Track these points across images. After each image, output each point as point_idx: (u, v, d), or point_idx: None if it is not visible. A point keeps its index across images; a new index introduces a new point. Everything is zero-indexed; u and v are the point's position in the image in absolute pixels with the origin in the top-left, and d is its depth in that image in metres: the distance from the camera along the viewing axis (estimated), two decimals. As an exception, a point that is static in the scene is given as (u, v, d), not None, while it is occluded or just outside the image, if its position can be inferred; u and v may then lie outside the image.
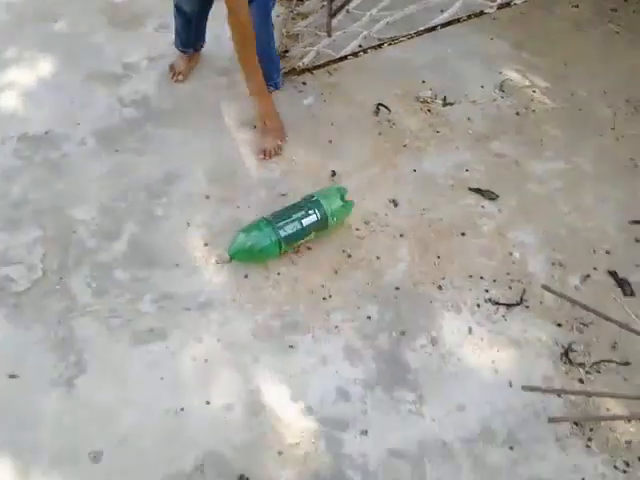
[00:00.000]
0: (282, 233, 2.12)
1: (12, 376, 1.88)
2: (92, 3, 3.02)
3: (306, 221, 2.16)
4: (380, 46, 2.75)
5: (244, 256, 2.13)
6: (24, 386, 1.87)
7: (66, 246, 2.16)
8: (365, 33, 2.80)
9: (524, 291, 2.17)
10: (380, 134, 2.66)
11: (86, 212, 2.26)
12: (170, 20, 2.96)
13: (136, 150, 2.48)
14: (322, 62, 2.80)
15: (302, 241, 2.19)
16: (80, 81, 2.69)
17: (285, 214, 2.17)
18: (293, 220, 2.14)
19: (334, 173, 2.46)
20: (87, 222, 2.23)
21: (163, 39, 2.88)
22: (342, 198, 2.24)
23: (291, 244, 2.17)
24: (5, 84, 2.64)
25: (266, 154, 2.47)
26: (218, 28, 2.94)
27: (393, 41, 2.72)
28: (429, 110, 2.78)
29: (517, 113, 2.80)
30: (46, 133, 2.48)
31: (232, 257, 2.12)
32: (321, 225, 2.19)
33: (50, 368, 1.90)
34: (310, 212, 2.16)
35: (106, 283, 2.09)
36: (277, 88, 2.67)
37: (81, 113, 2.56)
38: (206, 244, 2.23)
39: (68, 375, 1.89)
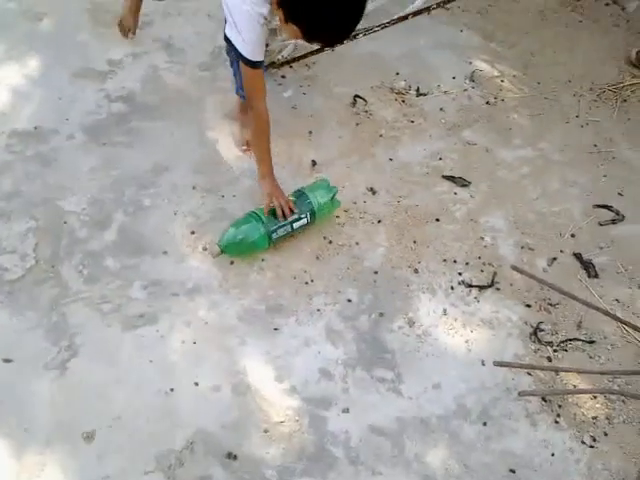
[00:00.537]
0: (272, 230, 2.11)
1: (7, 360, 1.86)
2: (75, 2, 2.95)
3: (297, 224, 2.16)
4: (355, 37, 2.75)
5: (234, 249, 2.12)
6: (19, 370, 1.84)
7: (58, 236, 2.14)
8: (340, 26, 2.79)
9: (495, 274, 2.19)
10: (357, 125, 2.65)
11: (76, 203, 2.23)
12: (153, 17, 2.93)
13: (123, 143, 2.44)
14: (300, 54, 2.78)
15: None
16: (67, 78, 2.64)
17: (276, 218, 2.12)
18: (284, 225, 2.13)
19: (314, 163, 2.46)
20: (77, 213, 2.20)
21: (146, 35, 2.84)
22: (332, 198, 2.22)
23: (279, 239, 2.16)
24: (-5, 81, 2.59)
25: (249, 145, 2.45)
26: (200, 25, 2.94)
27: (367, 31, 2.71)
28: (403, 101, 2.78)
29: (487, 102, 2.81)
30: (35, 128, 2.44)
31: (223, 250, 2.11)
32: (309, 225, 2.20)
33: (44, 352, 1.88)
34: (302, 217, 2.15)
35: (97, 271, 2.07)
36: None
37: (69, 109, 2.52)
38: (193, 232, 2.22)
39: (61, 359, 1.87)
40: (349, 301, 2.09)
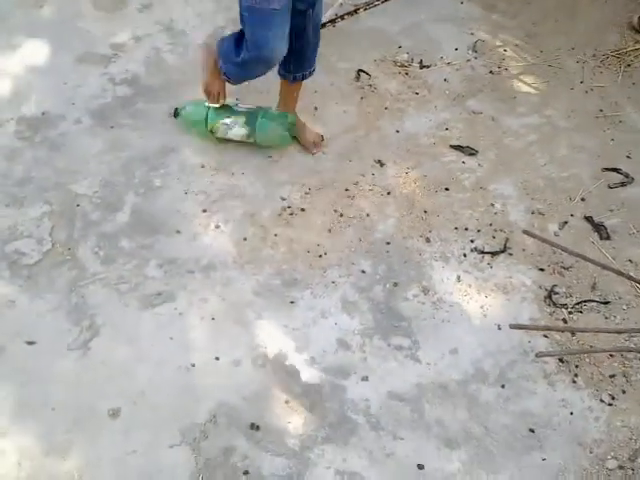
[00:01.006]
0: (210, 118, 2.30)
1: (30, 343, 1.87)
2: (76, -12, 2.94)
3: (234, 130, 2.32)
4: (356, 12, 2.74)
5: (184, 118, 2.37)
6: (42, 351, 1.86)
7: (72, 219, 2.14)
8: (341, 1, 2.79)
9: (507, 240, 2.19)
10: (362, 99, 2.64)
11: (88, 186, 2.23)
12: (153, 1, 2.90)
13: (130, 126, 2.44)
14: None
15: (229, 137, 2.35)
16: (71, 63, 2.63)
17: (229, 111, 2.32)
18: (223, 121, 2.30)
19: (322, 138, 2.45)
20: (90, 196, 2.21)
21: (147, 19, 2.82)
22: (284, 129, 2.31)
23: (219, 133, 2.33)
24: (0, 69, 2.58)
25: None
26: (200, 6, 2.92)
27: (368, 6, 2.71)
28: (407, 73, 2.76)
29: (490, 72, 2.79)
30: (43, 114, 2.44)
31: (176, 114, 2.38)
32: (251, 140, 2.34)
33: (65, 333, 1.90)
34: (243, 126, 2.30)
35: (113, 252, 2.08)
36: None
37: (75, 93, 2.51)
38: (204, 210, 2.22)
39: (83, 339, 1.89)
40: (363, 272, 2.10)
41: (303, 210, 2.24)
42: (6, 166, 2.28)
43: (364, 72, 2.73)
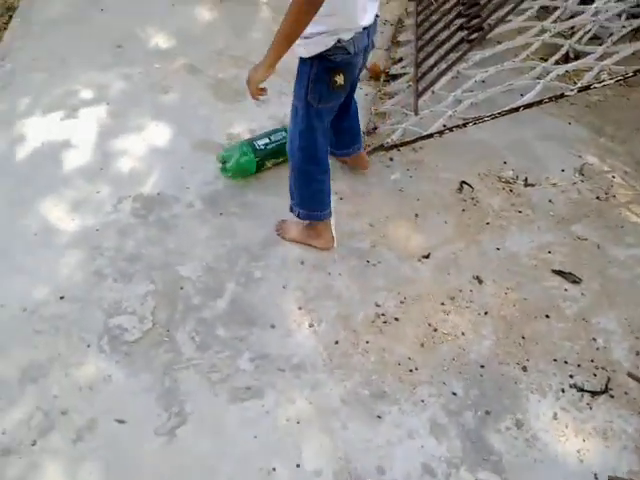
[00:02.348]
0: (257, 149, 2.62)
1: (120, 421, 1.91)
2: (199, 78, 3.14)
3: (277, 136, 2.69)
4: (465, 125, 2.79)
5: (232, 168, 2.61)
6: (130, 432, 1.89)
7: (174, 301, 2.21)
8: (450, 112, 2.85)
9: (609, 379, 2.09)
10: (464, 211, 2.66)
11: (193, 270, 2.31)
12: (269, 96, 3.05)
13: (238, 215, 2.54)
14: (409, 139, 2.84)
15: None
16: (189, 148, 2.78)
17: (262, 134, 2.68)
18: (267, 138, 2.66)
19: (428, 256, 2.46)
20: (193, 280, 2.29)
21: (262, 112, 2.96)
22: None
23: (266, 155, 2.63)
24: (123, 149, 2.75)
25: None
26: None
27: (477, 121, 2.75)
28: (511, 190, 2.77)
29: (597, 197, 2.76)
30: (158, 194, 2.57)
31: (223, 162, 2.63)
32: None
33: (155, 416, 1.93)
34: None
35: (209, 339, 2.12)
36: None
37: (190, 178, 2.65)
38: (300, 308, 2.25)
39: (171, 425, 1.91)
40: (454, 394, 2.05)
41: (397, 319, 2.23)
42: (119, 241, 2.40)
43: (467, 184, 2.76)
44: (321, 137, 2.22)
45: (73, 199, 2.53)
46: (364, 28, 1.99)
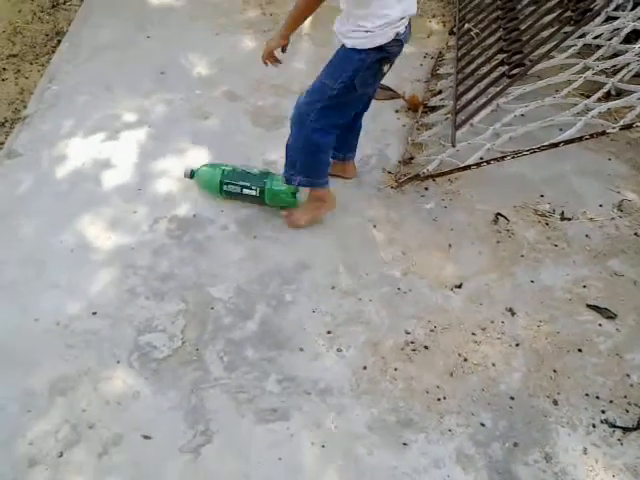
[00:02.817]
0: (224, 182, 2.64)
1: (146, 437, 1.95)
2: (238, 105, 3.26)
3: (245, 191, 2.64)
4: (503, 158, 2.81)
5: (199, 179, 2.72)
6: (156, 448, 1.93)
7: (204, 321, 2.27)
8: (488, 146, 2.88)
9: (643, 417, 2.07)
10: (498, 242, 2.67)
11: (224, 291, 2.38)
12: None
13: (271, 238, 2.60)
14: (445, 170, 2.87)
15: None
16: (226, 172, 2.88)
17: (237, 176, 2.65)
18: (236, 184, 2.63)
19: (460, 286, 2.48)
20: (224, 301, 2.34)
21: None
22: (291, 194, 2.62)
23: (230, 194, 2.67)
24: (161, 171, 2.86)
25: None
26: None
27: (516, 154, 2.77)
28: (547, 223, 2.78)
29: (636, 234, 2.75)
30: (194, 216, 2.66)
31: (192, 175, 2.72)
32: (260, 201, 2.66)
33: (180, 434, 1.97)
34: (252, 188, 2.62)
35: (237, 359, 2.17)
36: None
37: (225, 201, 2.73)
38: (329, 332, 2.28)
39: (196, 443, 1.95)
40: (482, 425, 2.04)
41: (426, 348, 2.25)
42: (153, 260, 2.48)
43: (503, 216, 2.78)
44: (341, 119, 2.39)
45: (110, 218, 2.64)
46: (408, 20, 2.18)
